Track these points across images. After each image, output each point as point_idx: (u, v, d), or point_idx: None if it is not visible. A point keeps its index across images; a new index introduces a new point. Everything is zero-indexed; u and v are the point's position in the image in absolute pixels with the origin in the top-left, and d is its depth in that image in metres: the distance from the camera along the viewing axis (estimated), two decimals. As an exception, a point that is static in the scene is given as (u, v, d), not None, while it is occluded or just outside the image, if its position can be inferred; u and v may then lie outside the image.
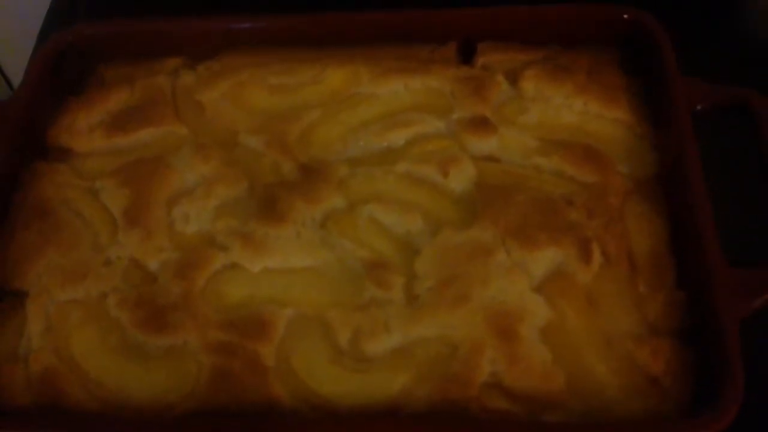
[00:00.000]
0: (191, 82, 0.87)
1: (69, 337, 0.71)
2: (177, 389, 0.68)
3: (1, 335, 0.73)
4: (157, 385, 0.68)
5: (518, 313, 0.68)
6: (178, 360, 0.69)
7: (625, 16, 0.85)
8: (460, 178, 0.77)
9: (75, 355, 0.70)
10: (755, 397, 0.63)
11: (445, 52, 0.88)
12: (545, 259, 0.71)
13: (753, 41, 1.04)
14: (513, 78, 0.84)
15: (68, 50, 0.89)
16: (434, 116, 0.82)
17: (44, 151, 0.85)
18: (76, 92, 0.89)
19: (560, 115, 0.82)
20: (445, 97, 0.84)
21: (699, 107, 0.78)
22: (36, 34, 1.14)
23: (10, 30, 1.31)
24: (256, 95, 0.86)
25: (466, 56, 0.88)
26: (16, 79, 1.39)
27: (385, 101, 0.84)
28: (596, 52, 0.86)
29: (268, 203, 0.76)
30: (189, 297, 0.71)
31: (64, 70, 0.89)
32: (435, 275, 0.71)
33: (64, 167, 0.82)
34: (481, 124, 0.80)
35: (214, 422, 0.65)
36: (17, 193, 0.80)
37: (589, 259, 0.71)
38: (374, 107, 0.84)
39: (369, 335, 0.69)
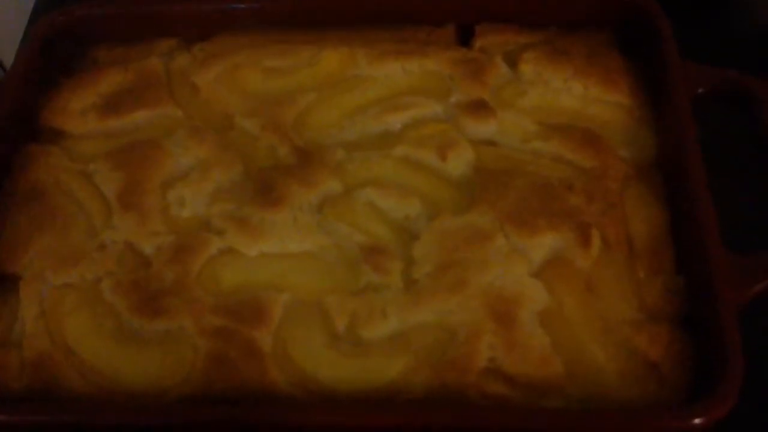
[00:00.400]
0: (185, 63, 0.86)
1: (63, 322, 0.70)
2: (173, 375, 0.67)
3: (-6, 320, 0.72)
4: (152, 370, 0.67)
5: (517, 299, 0.68)
6: (173, 345, 0.68)
7: (625, -2, 0.84)
8: (459, 162, 0.77)
9: (69, 340, 0.69)
10: (757, 387, 0.62)
11: (443, 34, 0.87)
12: (544, 244, 0.71)
13: (752, 27, 1.03)
14: (512, 61, 0.84)
15: (61, 32, 0.88)
16: (432, 99, 0.81)
17: (36, 134, 0.84)
18: (68, 74, 0.88)
19: (559, 99, 0.81)
20: (443, 79, 0.83)
21: (700, 91, 0.77)
22: (27, 15, 1.12)
23: (1, 12, 1.29)
24: (252, 78, 0.85)
25: (464, 39, 0.87)
26: (8, 62, 1.37)
27: (382, 84, 0.83)
28: (596, 35, 0.85)
29: (264, 187, 0.75)
30: (184, 281, 0.71)
31: (57, 51, 0.88)
32: (433, 260, 0.70)
33: (56, 150, 0.81)
34: (479, 108, 0.80)
35: (211, 408, 0.64)
36: (9, 176, 0.79)
37: (588, 244, 0.70)
38: (371, 90, 0.83)
39: (366, 321, 0.68)
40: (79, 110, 0.83)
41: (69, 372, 0.68)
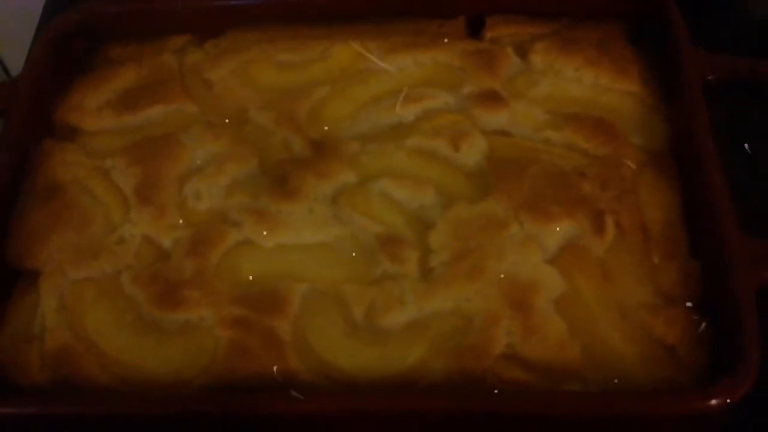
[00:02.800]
0: (199, 59, 0.87)
1: (84, 315, 0.71)
2: (193, 365, 0.68)
3: (15, 314, 0.72)
4: (173, 361, 0.68)
5: (533, 286, 0.69)
6: (194, 336, 0.69)
7: (635, -13, 0.85)
8: (472, 152, 0.77)
9: (90, 332, 0.70)
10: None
11: (454, 26, 0.87)
12: (559, 231, 0.71)
13: (760, 14, 1.03)
14: (522, 51, 0.84)
15: (75, 29, 0.88)
16: (444, 91, 0.82)
17: (52, 131, 0.84)
18: (83, 72, 0.89)
19: (570, 88, 0.82)
20: (455, 71, 0.83)
21: (710, 77, 0.78)
22: (31, 17, 1.13)
23: (7, 13, 1.30)
24: (265, 72, 0.85)
25: (475, 30, 0.88)
26: (12, 64, 1.38)
27: (395, 77, 0.84)
28: (606, 25, 0.86)
29: (280, 179, 0.76)
30: (203, 273, 0.71)
31: (71, 49, 0.88)
32: (449, 249, 0.71)
33: (73, 146, 0.82)
34: (491, 98, 0.80)
35: (231, 397, 0.65)
36: (27, 173, 0.80)
37: (603, 230, 0.71)
38: (384, 83, 0.84)
39: (383, 309, 0.69)
40: (94, 107, 0.84)
41: (90, 364, 0.69)
